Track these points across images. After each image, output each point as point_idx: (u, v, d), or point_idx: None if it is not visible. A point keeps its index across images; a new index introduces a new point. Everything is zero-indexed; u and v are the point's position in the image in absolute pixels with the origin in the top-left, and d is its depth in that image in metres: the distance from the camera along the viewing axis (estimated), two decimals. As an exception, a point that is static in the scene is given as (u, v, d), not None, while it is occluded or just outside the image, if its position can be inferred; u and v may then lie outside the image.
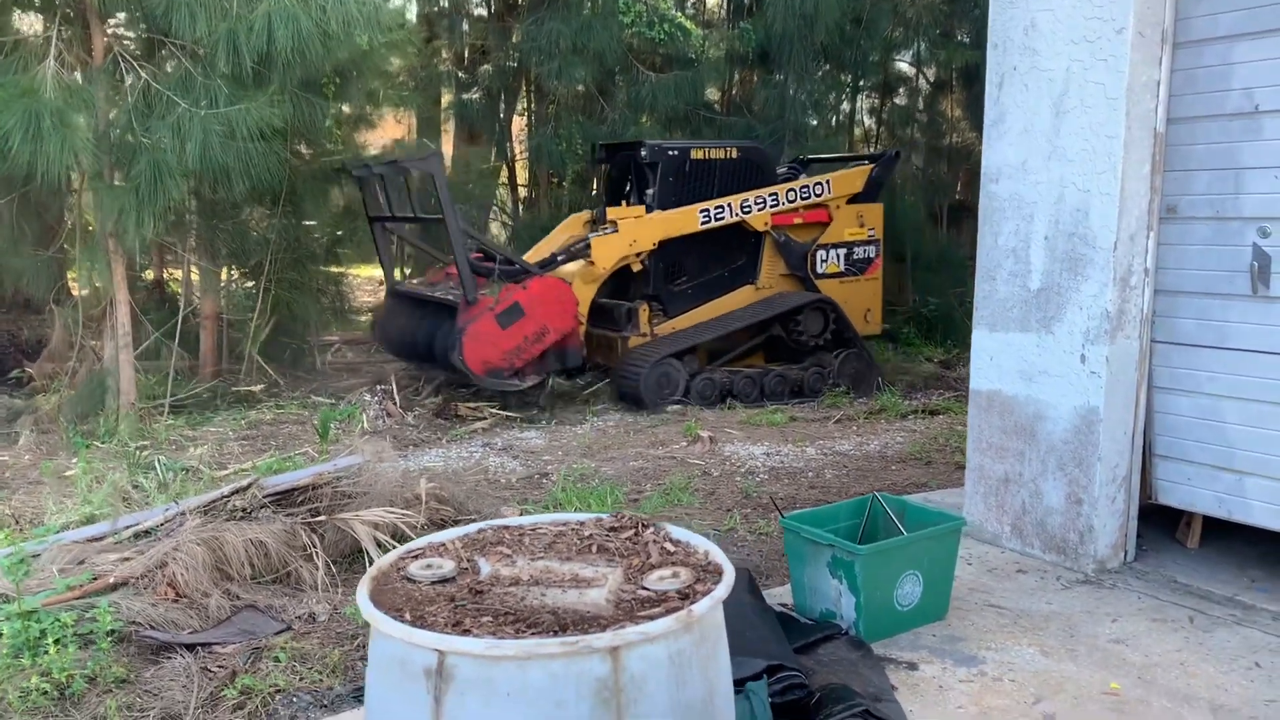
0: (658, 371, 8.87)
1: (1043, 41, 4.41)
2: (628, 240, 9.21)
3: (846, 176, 10.22)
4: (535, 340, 8.46)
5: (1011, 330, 4.62)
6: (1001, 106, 4.60)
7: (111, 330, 7.67)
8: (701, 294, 9.72)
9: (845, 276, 10.14)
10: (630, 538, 2.31)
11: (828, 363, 9.58)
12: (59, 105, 6.53)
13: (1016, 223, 4.56)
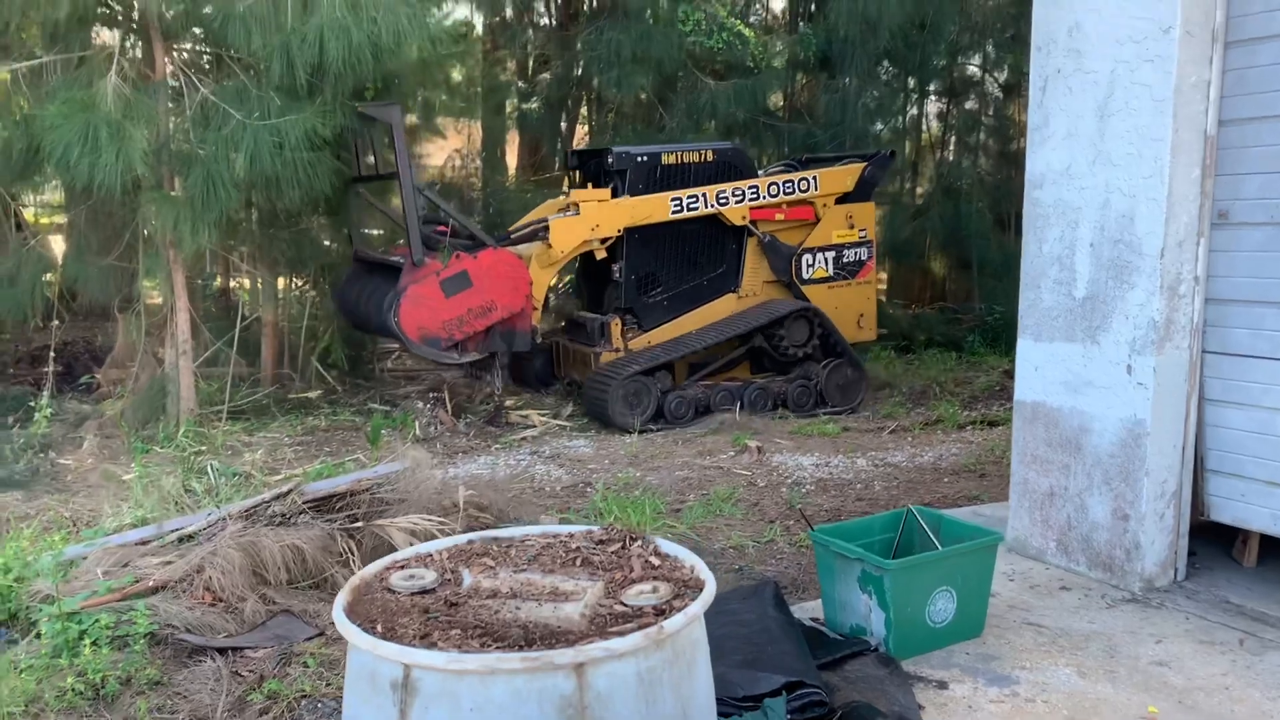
0: (626, 389, 8.41)
1: (1087, 43, 4.27)
2: (589, 224, 8.72)
3: (835, 174, 9.69)
4: (480, 314, 8.10)
5: (1056, 340, 4.48)
6: (1045, 110, 4.47)
7: (172, 338, 7.87)
8: (678, 305, 9.25)
9: (835, 281, 9.63)
10: (617, 551, 2.27)
11: (814, 374, 9.12)
12: (117, 118, 6.72)
13: (1061, 229, 4.42)
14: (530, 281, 8.40)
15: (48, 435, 7.54)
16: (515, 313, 8.30)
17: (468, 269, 8.07)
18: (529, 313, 8.47)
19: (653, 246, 9.10)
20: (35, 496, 6.29)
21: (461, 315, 8.03)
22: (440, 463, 7.23)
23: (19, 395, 8.87)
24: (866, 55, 12.93)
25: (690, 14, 12.15)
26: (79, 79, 7.13)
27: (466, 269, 8.07)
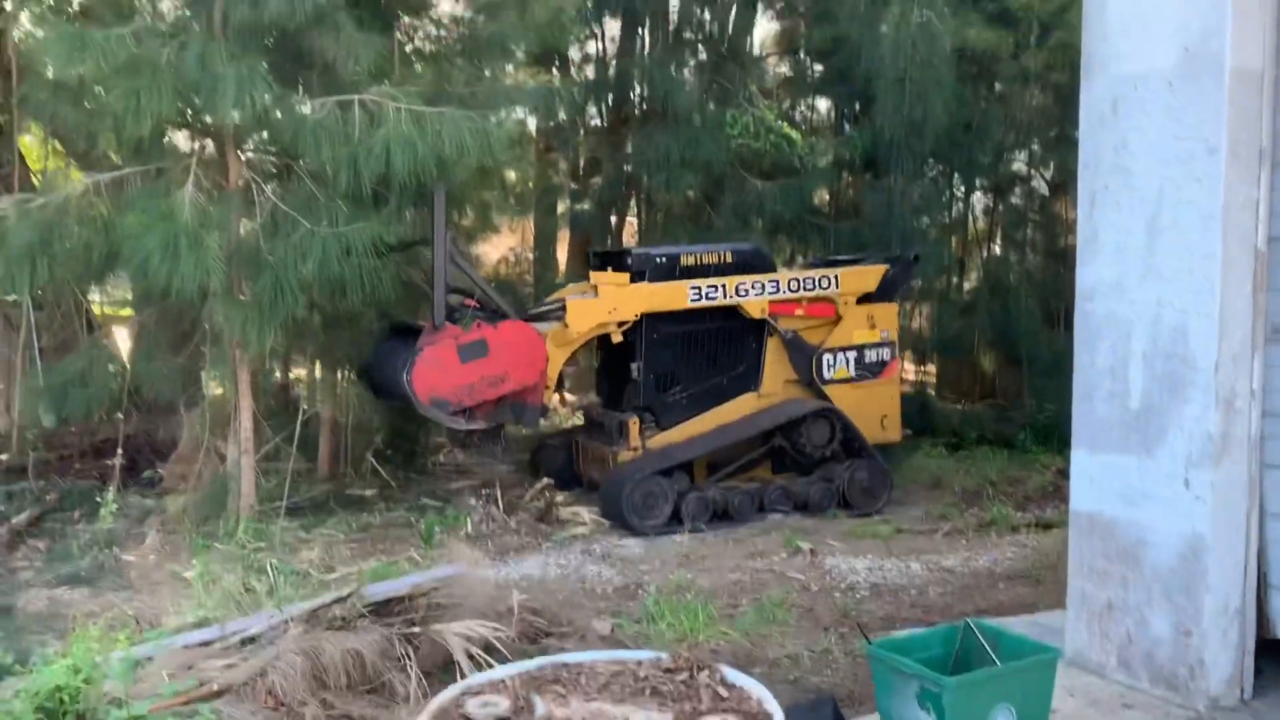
0: (642, 490, 8.30)
1: (1134, 161, 4.37)
2: (607, 307, 8.77)
3: (857, 273, 9.74)
4: (492, 384, 8.10)
5: (1111, 451, 4.48)
6: (1094, 225, 4.55)
7: (235, 434, 8.08)
8: (698, 404, 9.17)
9: (857, 381, 9.57)
10: (685, 680, 2.32)
11: (837, 474, 9.01)
12: (194, 227, 7.04)
13: (1113, 341, 4.46)
14: (546, 358, 8.42)
15: (112, 530, 7.73)
16: (527, 386, 8.31)
17: (486, 338, 8.15)
18: (541, 389, 8.46)
19: (672, 345, 9.12)
20: (100, 593, 6.46)
21: (474, 382, 8.03)
22: (492, 561, 7.29)
23: (84, 489, 9.13)
24: (911, 155, 13.14)
25: (738, 118, 12.47)
26: (158, 189, 7.48)
27: (485, 338, 8.14)
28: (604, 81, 14.68)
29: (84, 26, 7.72)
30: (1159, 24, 4.26)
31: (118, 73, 7.05)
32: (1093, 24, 4.55)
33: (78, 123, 8.56)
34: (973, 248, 16.27)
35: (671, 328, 9.08)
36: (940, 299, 15.13)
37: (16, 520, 8.13)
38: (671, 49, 13.73)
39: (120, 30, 7.21)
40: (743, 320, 9.30)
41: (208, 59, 7.13)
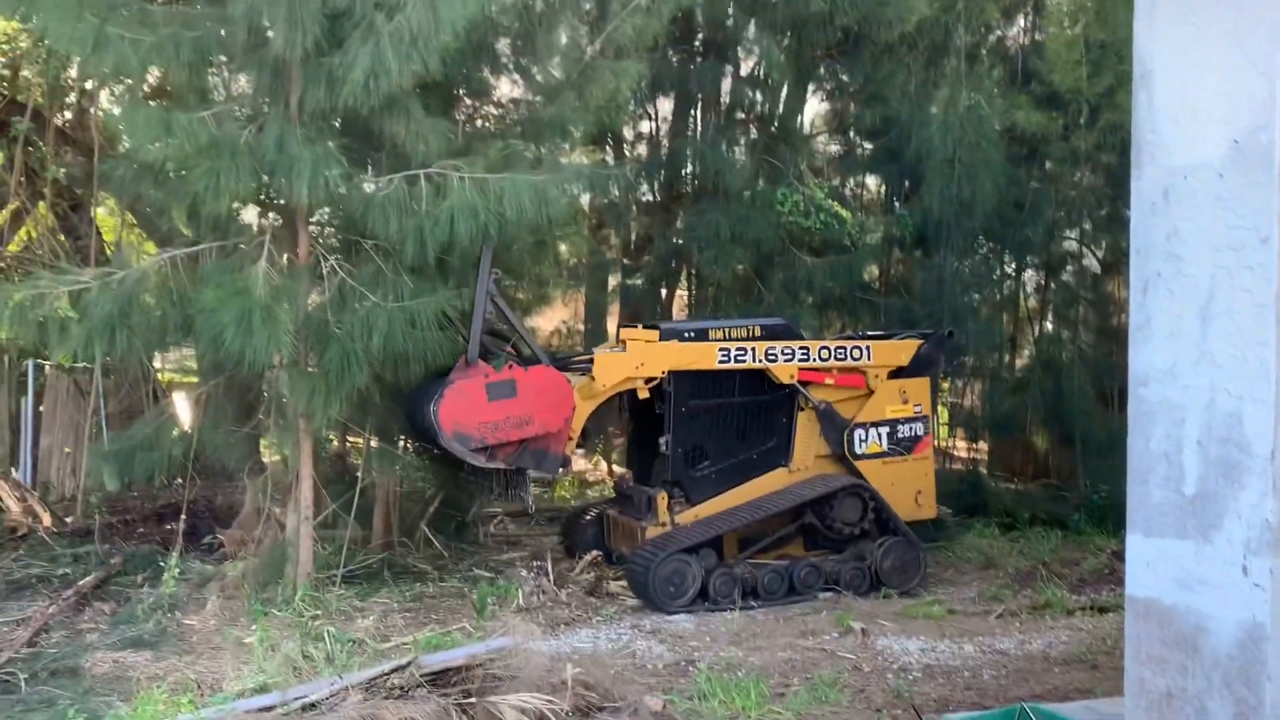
0: (667, 568, 8.22)
1: (1186, 249, 4.44)
2: (635, 361, 8.77)
3: (889, 346, 9.72)
4: (516, 425, 8.10)
5: (1167, 536, 4.48)
6: (1147, 311, 4.61)
7: (295, 503, 8.26)
8: (727, 479, 9.12)
9: (890, 457, 9.46)
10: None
11: (869, 552, 8.89)
12: (267, 301, 7.31)
13: (1167, 427, 4.49)
14: (573, 406, 8.42)
15: (175, 595, 7.91)
16: (551, 433, 8.30)
17: (516, 379, 8.19)
18: (564, 438, 8.44)
19: (701, 419, 9.10)
20: (163, 657, 6.62)
21: (499, 421, 8.04)
22: (544, 634, 7.35)
23: (147, 554, 9.35)
24: (961, 233, 13.26)
25: (788, 196, 12.68)
26: (231, 263, 7.79)
27: (515, 379, 8.18)
28: (656, 160, 15.03)
29: (166, 108, 8.15)
30: (1207, 117, 4.36)
31: (199, 153, 7.40)
32: (1142, 116, 4.67)
33: (155, 199, 8.96)
34: (1024, 325, 16.26)
35: (701, 401, 9.08)
36: (991, 377, 15.10)
37: (83, 583, 8.34)
38: (723, 128, 14.05)
39: (202, 113, 7.60)
40: (773, 393, 9.27)
41: (284, 141, 7.46)
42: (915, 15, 12.48)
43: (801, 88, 14.83)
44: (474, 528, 10.60)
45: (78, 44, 7.34)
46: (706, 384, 9.10)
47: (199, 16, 7.91)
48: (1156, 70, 4.61)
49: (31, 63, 12.90)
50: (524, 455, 8.32)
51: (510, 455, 8.25)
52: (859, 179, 16.15)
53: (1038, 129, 13.19)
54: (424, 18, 7.30)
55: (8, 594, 8.16)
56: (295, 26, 7.34)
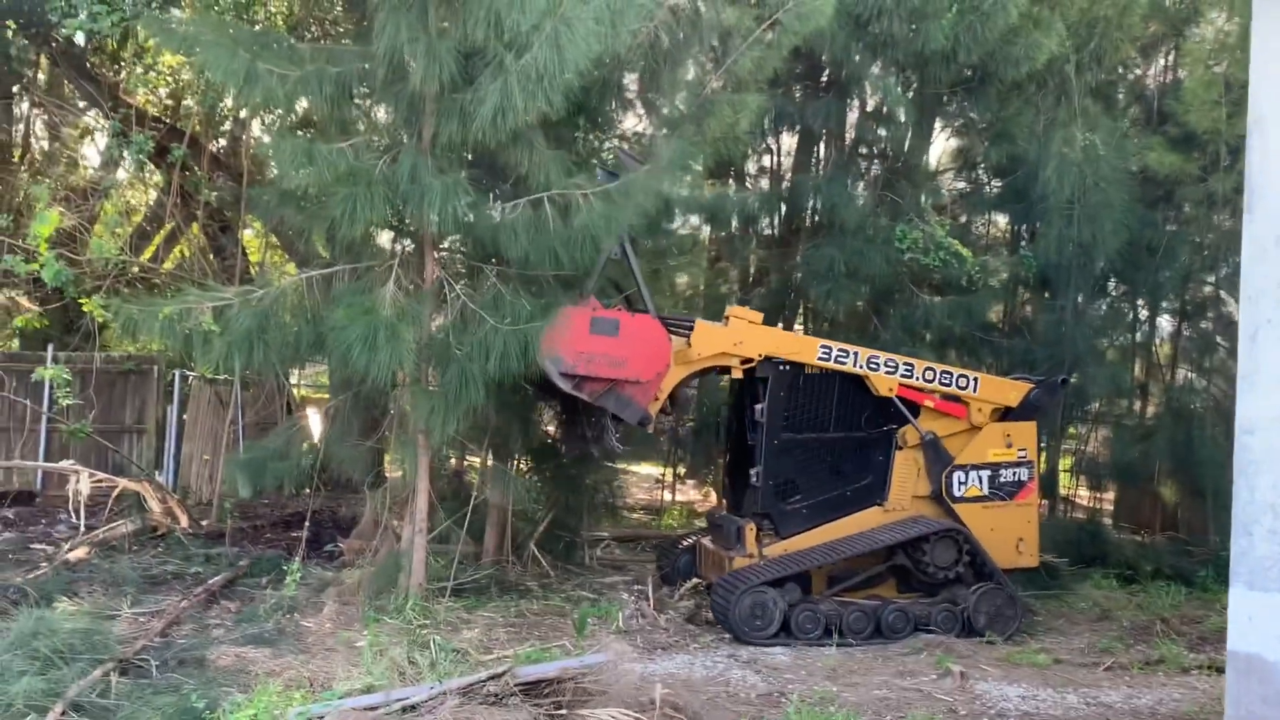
0: (750, 600, 8.17)
1: (1298, 296, 4.36)
2: (734, 338, 8.80)
3: (997, 383, 9.57)
4: (610, 365, 8.25)
5: (1272, 590, 4.37)
6: (1255, 359, 4.52)
7: (411, 516, 8.63)
8: (819, 514, 9.03)
9: (990, 501, 9.25)
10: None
11: (962, 598, 8.69)
12: (393, 321, 7.70)
13: (1274, 477, 4.39)
14: (668, 364, 8.52)
15: (295, 597, 8.35)
16: (641, 382, 8.40)
17: (621, 320, 8.42)
18: (652, 393, 8.51)
19: (795, 452, 9.05)
20: (280, 654, 6.98)
21: (594, 354, 8.23)
22: (640, 656, 7.48)
23: (272, 558, 9.89)
24: (1087, 275, 12.95)
25: (907, 233, 12.59)
26: (362, 285, 8.24)
27: (620, 319, 8.42)
28: (777, 193, 15.12)
29: (310, 139, 8.69)
30: (1323, 163, 4.29)
31: (338, 181, 7.87)
32: (1255, 160, 4.61)
33: (296, 223, 9.53)
34: (1156, 372, 15.70)
35: (795, 434, 9.05)
36: (1118, 423, 14.63)
37: (213, 581, 8.88)
38: (844, 164, 14.06)
39: (341, 144, 8.08)
40: (871, 429, 9.21)
41: (417, 171, 7.88)
42: (1044, 53, 12.28)
43: (927, 125, 14.73)
44: (581, 550, 10.82)
45: (232, 77, 7.92)
46: (803, 416, 9.08)
47: (343, 53, 8.44)
48: (1269, 115, 4.55)
49: (192, 93, 13.88)
50: (609, 396, 8.44)
51: (596, 392, 8.41)
52: (985, 218, 15.91)
53: (1172, 170, 12.80)
54: (550, 57, 7.62)
55: (145, 587, 8.74)
56: (433, 63, 7.76)
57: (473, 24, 7.78)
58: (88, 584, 8.57)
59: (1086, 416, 15.03)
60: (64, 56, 13.07)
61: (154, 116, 13.50)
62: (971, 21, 11.81)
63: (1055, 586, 10.64)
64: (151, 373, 13.66)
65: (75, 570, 8.99)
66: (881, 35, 11.97)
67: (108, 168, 14.41)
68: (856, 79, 13.00)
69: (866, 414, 9.26)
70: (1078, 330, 12.83)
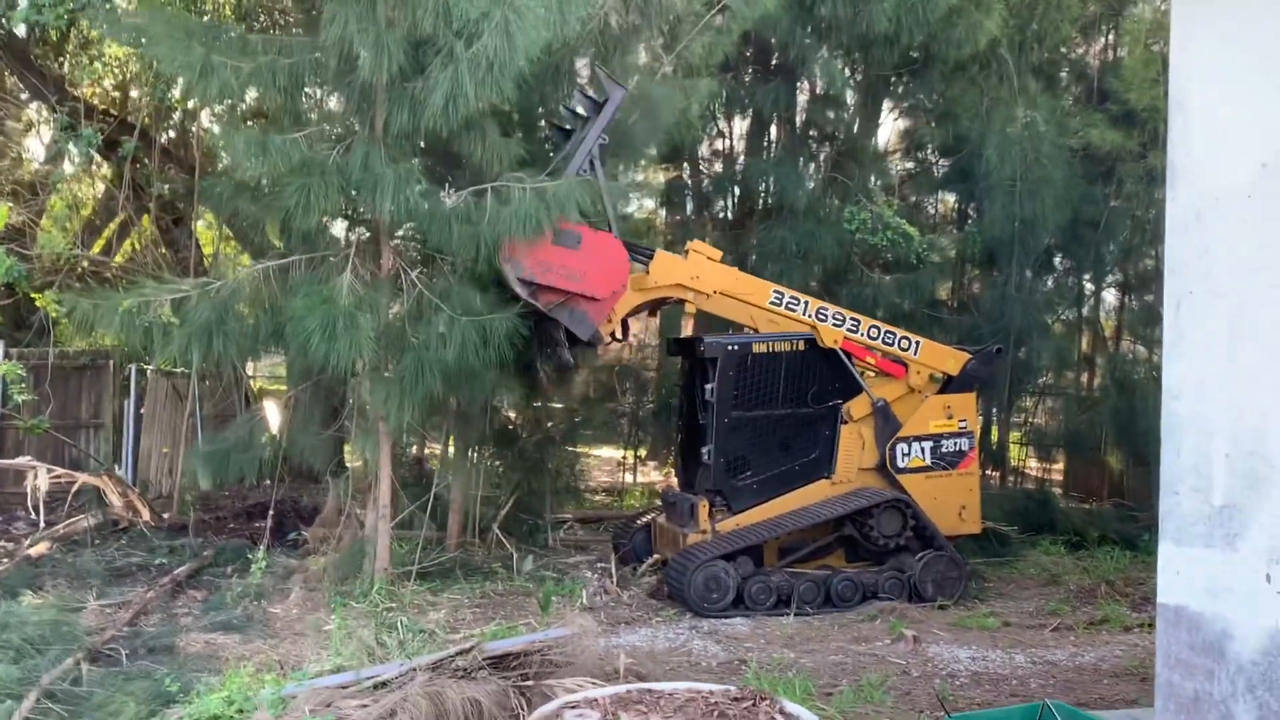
0: (705, 573, 8.38)
1: (1217, 267, 4.60)
2: (691, 271, 9.00)
3: (938, 349, 9.77)
4: (566, 276, 8.37)
5: (1196, 545, 4.63)
6: (1179, 328, 4.77)
7: (374, 502, 8.74)
8: (769, 489, 9.21)
9: (933, 471, 9.46)
10: (748, 707, 2.68)
11: (908, 565, 8.95)
12: (351, 310, 7.78)
13: (1197, 439, 4.64)
14: (625, 284, 8.69)
15: (261, 585, 8.43)
16: (595, 299, 8.53)
17: (583, 234, 8.48)
18: (605, 311, 8.65)
19: (744, 429, 9.20)
20: (250, 640, 7.09)
21: (552, 263, 8.34)
22: (604, 631, 7.66)
23: (237, 547, 9.94)
24: (1030, 252, 13.29)
25: (856, 214, 12.85)
26: (319, 275, 8.31)
27: (582, 233, 8.47)
28: (731, 177, 15.33)
29: (263, 130, 8.71)
30: (1237, 140, 4.53)
31: (292, 171, 7.93)
32: (1176, 138, 4.84)
33: (251, 214, 9.54)
34: (1101, 344, 16.13)
35: (744, 412, 9.20)
36: (1064, 395, 15.04)
37: (178, 572, 8.94)
38: (793, 147, 14.28)
39: (295, 135, 8.12)
40: (817, 407, 9.40)
41: (370, 160, 7.95)
42: (985, 34, 12.55)
43: (874, 107, 15.00)
44: (544, 532, 10.98)
45: (186, 70, 7.96)
46: (752, 394, 9.23)
47: (294, 44, 8.47)
48: (1190, 95, 4.79)
49: (139, 85, 13.76)
50: (563, 308, 8.55)
51: (551, 303, 8.52)
52: (934, 197, 16.22)
53: (1113, 147, 13.15)
54: (500, 45, 7.72)
55: (110, 580, 8.78)
56: (381, 53, 7.83)
57: (422, 14, 7.86)
58: (51, 578, 8.59)
59: (1034, 389, 15.45)
60: (6, 49, 12.90)
61: (102, 110, 13.37)
62: (914, 4, 12.05)
63: (1005, 554, 10.97)
64: (107, 367, 13.57)
65: (38, 565, 9.00)
66: (827, 19, 12.18)
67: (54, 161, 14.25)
68: (804, 62, 13.20)
69: (813, 390, 9.44)
70: (1023, 304, 13.19)
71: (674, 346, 10.37)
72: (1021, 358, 13.67)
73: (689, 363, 9.92)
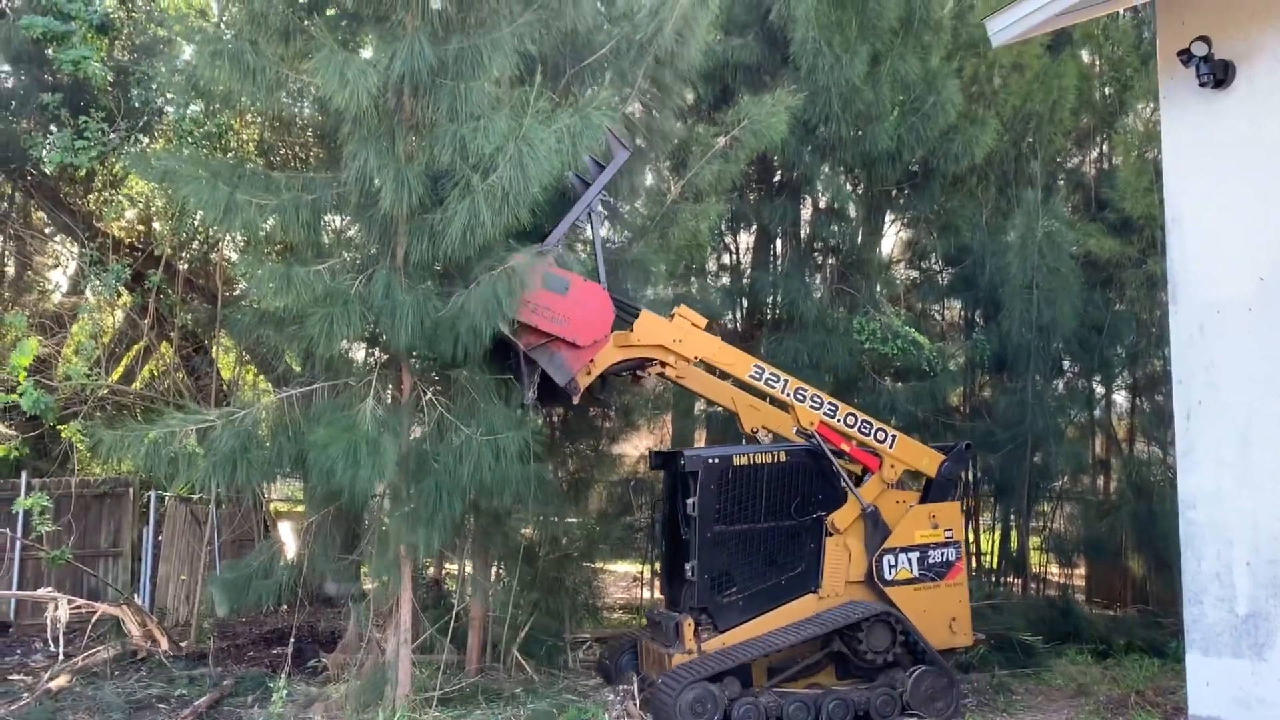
0: (689, 696, 8.11)
1: (1223, 378, 4.73)
2: (675, 333, 9.01)
3: (914, 446, 9.66)
4: (550, 319, 8.45)
5: (1224, 655, 4.63)
6: (1190, 438, 4.87)
7: (395, 627, 8.71)
8: (755, 605, 9.02)
9: (921, 583, 9.31)
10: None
11: (899, 681, 8.71)
12: (374, 435, 7.89)
13: (1217, 548, 4.70)
14: (607, 335, 8.73)
15: (283, 715, 8.35)
16: (576, 346, 8.57)
17: (572, 281, 8.59)
18: (584, 361, 8.64)
19: (728, 544, 9.06)
20: (273, 773, 7.00)
21: (539, 305, 8.42)
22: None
23: (256, 676, 9.87)
24: (1040, 357, 13.43)
25: (865, 324, 13.05)
26: (341, 402, 8.46)
27: (571, 281, 8.58)
28: (738, 289, 15.61)
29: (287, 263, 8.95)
30: (1234, 257, 4.71)
31: (315, 302, 8.13)
32: (1174, 255, 5.03)
33: (273, 342, 9.75)
34: (1115, 448, 16.13)
35: (727, 526, 9.05)
36: (1081, 500, 14.99)
37: (199, 704, 8.85)
38: (799, 260, 14.58)
39: (318, 266, 8.36)
40: (802, 519, 9.25)
41: (391, 289, 8.17)
42: (982, 148, 12.96)
43: (877, 219, 15.34)
44: (564, 653, 10.87)
45: (212, 209, 8.24)
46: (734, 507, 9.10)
47: (316, 180, 8.78)
48: (1185, 214, 4.99)
49: (162, 218, 14.19)
50: (543, 350, 8.60)
51: (532, 344, 8.56)
52: (940, 305, 16.45)
53: (1112, 254, 13.42)
54: (515, 176, 8.01)
55: (131, 713, 8.71)
56: (402, 187, 8.14)
57: (439, 149, 8.19)
58: (73, 712, 8.53)
59: (1052, 494, 15.41)
60: (37, 188, 13.38)
61: (128, 244, 13.77)
62: (913, 122, 12.51)
63: (1031, 664, 10.81)
64: (127, 494, 13.67)
65: (58, 699, 8.93)
66: (830, 139, 12.61)
67: (78, 293, 14.61)
68: (808, 179, 13.61)
69: (796, 502, 9.31)
70: (1037, 409, 13.27)
71: (656, 460, 10.19)
72: (1038, 463, 13.70)
73: (670, 478, 9.79)
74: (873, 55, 12.22)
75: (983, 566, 15.81)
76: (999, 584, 14.65)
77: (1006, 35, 5.95)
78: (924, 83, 12.46)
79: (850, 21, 11.82)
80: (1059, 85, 13.67)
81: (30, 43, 10.75)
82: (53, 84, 11.61)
